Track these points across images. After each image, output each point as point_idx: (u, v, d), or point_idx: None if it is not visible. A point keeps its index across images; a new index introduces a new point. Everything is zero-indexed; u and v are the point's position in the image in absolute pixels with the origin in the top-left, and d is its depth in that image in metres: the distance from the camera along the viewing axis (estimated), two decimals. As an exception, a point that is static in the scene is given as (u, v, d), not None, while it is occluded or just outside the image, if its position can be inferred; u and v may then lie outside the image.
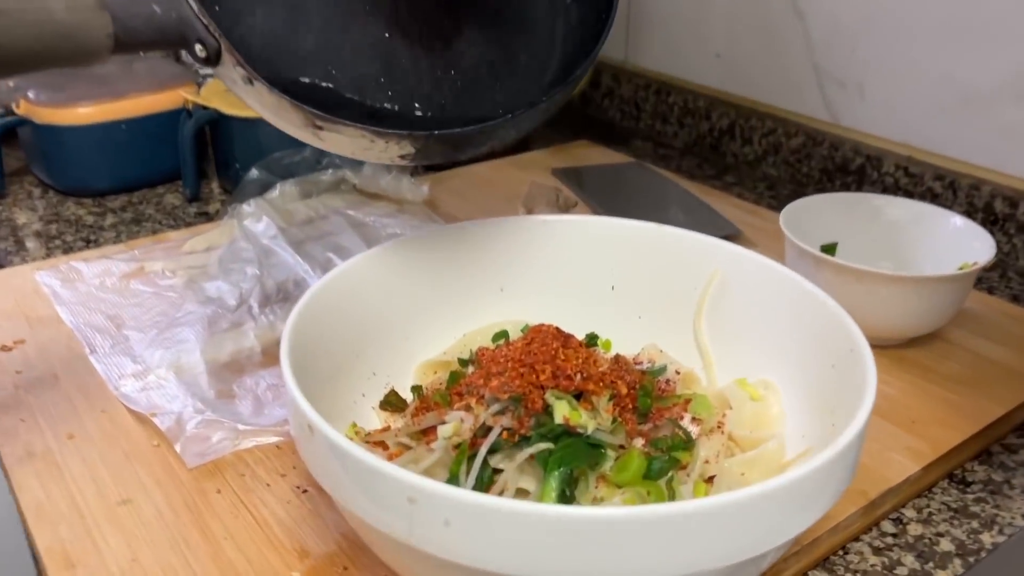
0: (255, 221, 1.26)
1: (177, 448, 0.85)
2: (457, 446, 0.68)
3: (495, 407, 0.68)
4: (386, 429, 0.76)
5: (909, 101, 1.41)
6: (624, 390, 0.72)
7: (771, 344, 0.82)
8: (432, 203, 1.41)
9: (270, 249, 1.20)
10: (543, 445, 0.66)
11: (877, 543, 0.82)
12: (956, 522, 0.85)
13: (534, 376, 0.69)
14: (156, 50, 0.74)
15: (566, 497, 0.64)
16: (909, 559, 0.81)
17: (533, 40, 0.88)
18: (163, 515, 0.79)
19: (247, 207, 1.29)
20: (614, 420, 0.69)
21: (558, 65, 0.88)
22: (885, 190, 1.45)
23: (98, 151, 1.51)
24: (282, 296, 1.11)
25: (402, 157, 0.74)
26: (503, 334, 0.88)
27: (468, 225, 0.90)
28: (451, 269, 0.88)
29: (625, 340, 0.90)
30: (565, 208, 1.34)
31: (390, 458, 0.72)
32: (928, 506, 0.87)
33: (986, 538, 0.83)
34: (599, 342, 0.89)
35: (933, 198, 1.39)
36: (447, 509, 0.53)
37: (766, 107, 1.65)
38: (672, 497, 0.67)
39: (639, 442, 0.69)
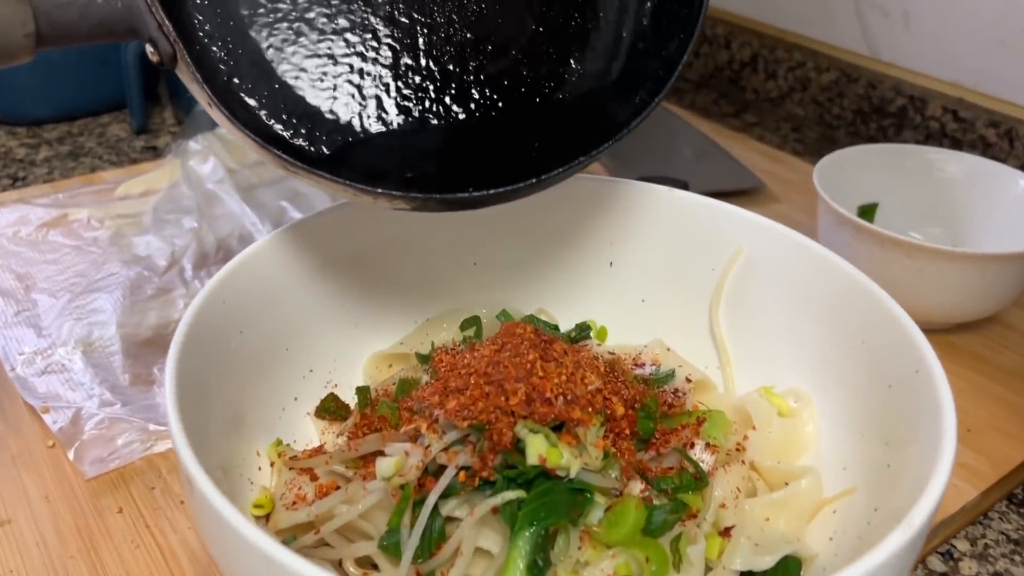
0: (201, 162, 1.09)
1: (70, 455, 0.69)
2: (402, 486, 0.52)
3: (450, 437, 0.52)
4: (319, 450, 0.60)
5: (962, 33, 1.22)
6: (620, 411, 0.56)
7: (805, 345, 0.65)
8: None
9: (214, 196, 1.03)
10: (511, 495, 0.50)
11: (923, 585, 0.68)
12: (1017, 558, 0.70)
13: (503, 398, 0.52)
14: (98, 42, 0.57)
15: (537, 568, 0.48)
16: (962, 607, 0.66)
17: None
18: (46, 541, 0.64)
19: (194, 144, 1.12)
20: (606, 456, 0.53)
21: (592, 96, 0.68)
22: (929, 137, 1.26)
23: (32, 72, 1.31)
24: (222, 255, 0.94)
25: (395, 207, 0.58)
26: (474, 321, 0.71)
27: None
28: (413, 238, 0.71)
29: (624, 329, 0.74)
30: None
31: (319, 491, 0.56)
32: (983, 536, 0.72)
33: (1054, 580, 0.69)
34: (592, 332, 0.72)
35: (985, 148, 1.21)
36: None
37: (794, 36, 1.45)
38: (678, 562, 0.51)
39: (637, 487, 0.53)
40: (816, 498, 0.59)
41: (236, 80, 0.58)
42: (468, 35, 0.64)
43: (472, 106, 0.63)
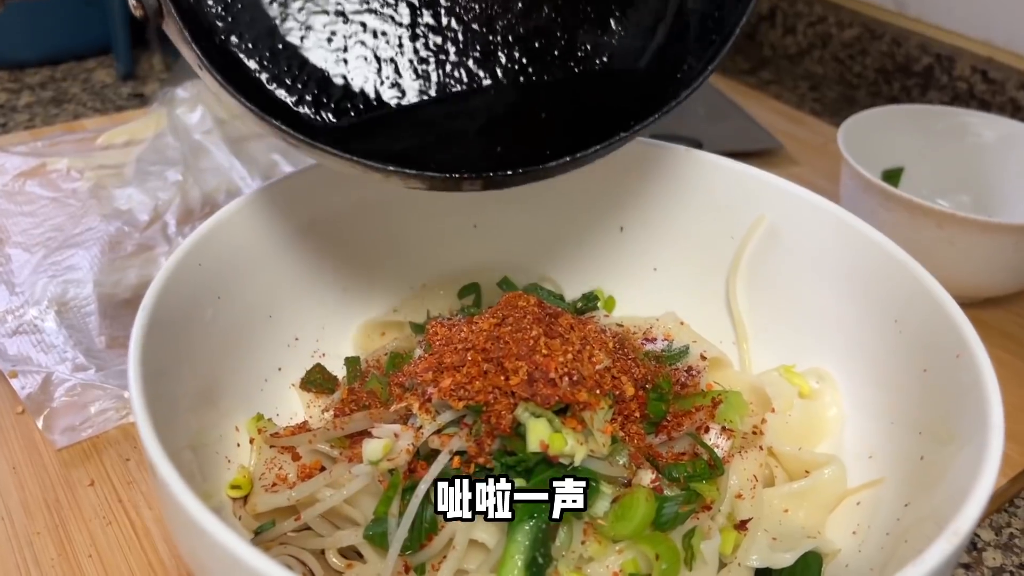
0: (188, 111, 1.03)
1: (39, 423, 0.65)
2: (391, 471, 0.48)
3: (444, 418, 0.48)
4: (303, 426, 0.55)
5: (996, -12, 1.15)
6: (630, 392, 0.51)
7: (830, 321, 0.60)
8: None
9: (201, 147, 0.97)
10: (507, 485, 0.45)
11: (945, 577, 0.64)
12: (1045, 549, 0.66)
13: (502, 377, 0.48)
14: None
15: (537, 565, 0.44)
16: (986, 602, 0.62)
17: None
18: (11, 516, 0.60)
19: (181, 92, 1.05)
20: (614, 441, 0.48)
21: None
22: (956, 98, 1.20)
23: (14, 13, 1.25)
24: (208, 210, 0.89)
25: (409, 187, 0.51)
26: (472, 288, 0.66)
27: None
28: (409, 198, 0.66)
29: (634, 299, 0.69)
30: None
31: (302, 472, 0.52)
32: (1009, 525, 0.68)
33: (1082, 574, 0.65)
34: (599, 302, 0.67)
35: (1015, 111, 1.14)
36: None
37: (816, -11, 1.38)
38: (690, 559, 0.47)
39: (647, 476, 0.49)
40: (839, 489, 0.54)
41: (234, 39, 0.52)
42: None
43: (499, 71, 0.56)
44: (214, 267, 0.55)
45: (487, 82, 0.56)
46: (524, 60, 0.56)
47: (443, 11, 0.55)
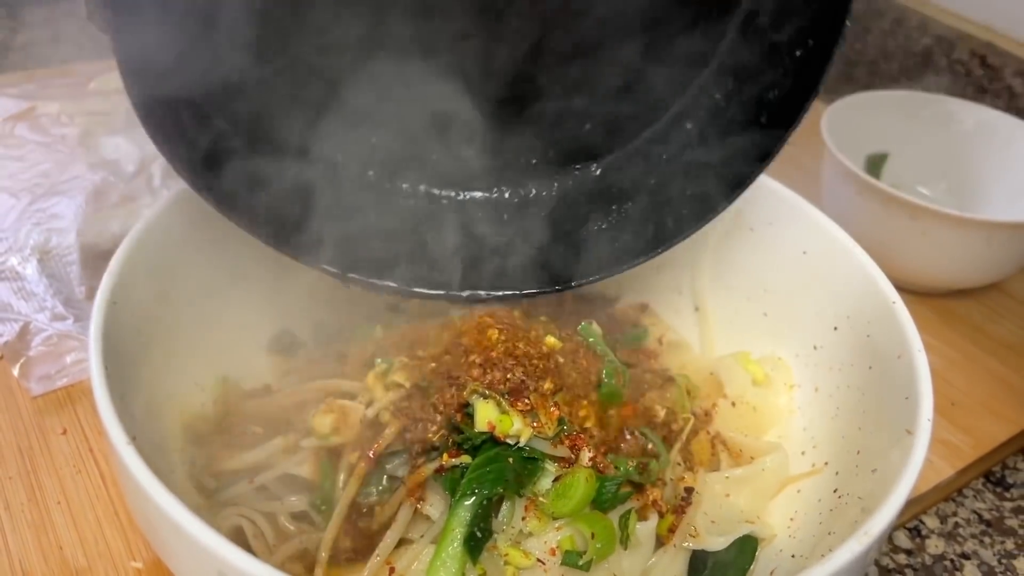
0: (181, 59, 1.03)
1: (15, 371, 0.67)
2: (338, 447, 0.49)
3: (395, 395, 0.49)
4: (265, 390, 0.57)
5: (1001, -28, 1.14)
6: (576, 378, 0.52)
7: (789, 312, 0.62)
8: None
9: (192, 98, 0.98)
10: (454, 461, 0.47)
11: (887, 561, 0.66)
12: (987, 539, 0.68)
13: (459, 359, 0.49)
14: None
15: (476, 539, 0.46)
16: (923, 588, 0.65)
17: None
18: (-15, 461, 0.62)
19: (175, 39, 1.05)
20: (560, 423, 0.50)
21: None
22: (953, 82, 1.19)
23: (13, -51, 1.25)
24: (194, 164, 0.90)
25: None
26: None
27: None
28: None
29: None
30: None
31: (261, 436, 0.54)
32: (955, 514, 0.70)
33: (1021, 565, 0.67)
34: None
35: (1010, 98, 1.14)
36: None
37: (823, -39, 1.36)
38: (625, 539, 0.49)
39: (585, 456, 0.50)
40: (781, 476, 0.56)
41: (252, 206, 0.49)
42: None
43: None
44: (189, 228, 0.56)
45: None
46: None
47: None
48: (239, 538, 0.50)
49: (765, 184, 0.62)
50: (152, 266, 0.53)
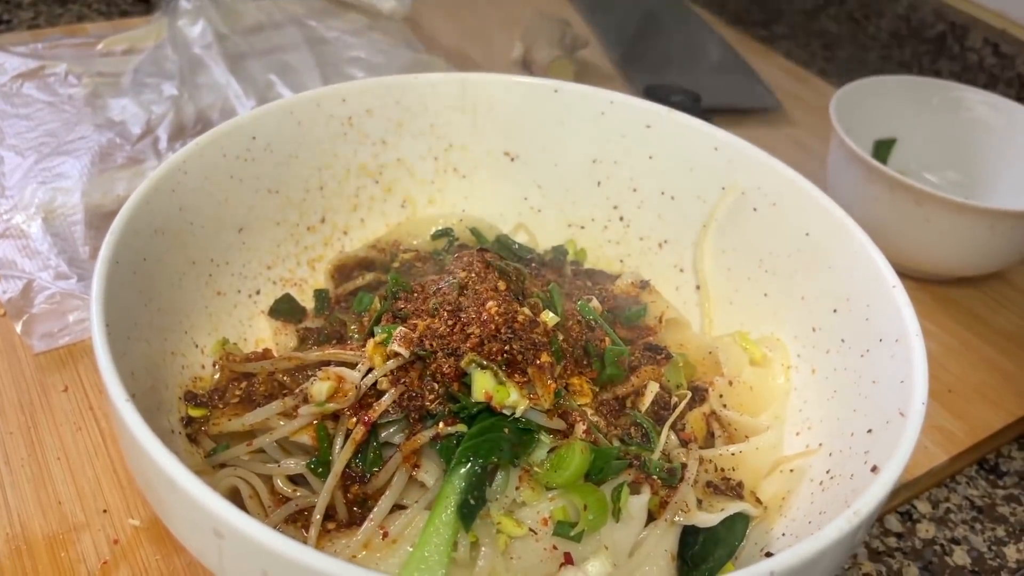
0: (190, 23, 1.02)
1: (18, 328, 0.67)
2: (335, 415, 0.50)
3: (393, 363, 0.50)
4: (265, 353, 0.57)
5: (1019, -41, 1.12)
6: (575, 351, 0.53)
7: (789, 293, 0.62)
8: (413, 20, 1.16)
9: (200, 62, 0.98)
10: (450, 429, 0.48)
11: (877, 544, 0.66)
12: (978, 526, 0.69)
13: (456, 331, 0.49)
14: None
15: (469, 506, 0.46)
16: (913, 572, 0.65)
17: None
18: (-13, 415, 0.63)
19: (185, 3, 1.05)
20: (557, 395, 0.50)
21: None
22: (965, 69, 1.19)
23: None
24: (201, 127, 0.90)
25: None
26: (445, 233, 0.67)
27: (422, 79, 0.67)
28: (386, 130, 0.67)
29: (606, 253, 0.70)
30: (572, 48, 1.09)
31: (260, 397, 0.54)
32: (947, 499, 0.71)
33: (1011, 552, 0.67)
34: (569, 255, 0.69)
35: (1021, 87, 1.13)
36: (262, 558, 0.36)
37: (839, -57, 1.35)
38: (617, 512, 0.49)
39: (580, 428, 0.50)
40: (775, 456, 0.56)
41: None
42: None
43: None
44: (191, 191, 0.56)
45: None
46: None
47: None
48: (235, 499, 0.50)
49: (770, 164, 0.62)
50: (155, 227, 0.53)
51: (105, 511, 0.57)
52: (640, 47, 1.16)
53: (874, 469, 0.43)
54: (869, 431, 0.49)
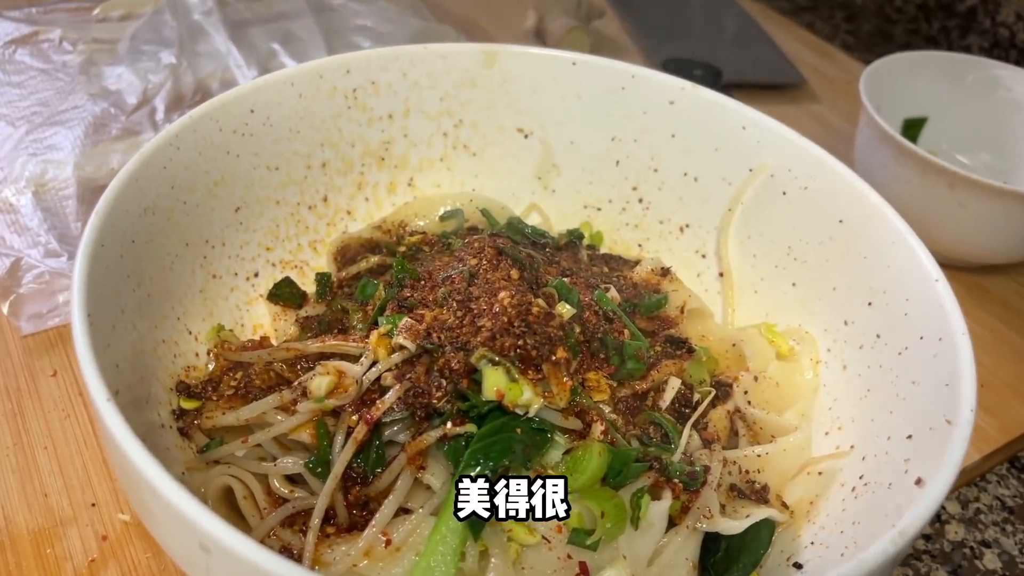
0: (190, -13, 0.98)
1: (4, 309, 0.64)
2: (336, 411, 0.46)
3: (398, 357, 0.46)
4: (262, 342, 0.54)
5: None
6: (592, 346, 0.49)
7: (820, 283, 0.58)
8: (423, -12, 1.11)
9: (200, 29, 0.93)
10: (459, 430, 0.44)
11: (903, 546, 0.63)
12: (1009, 528, 0.65)
13: (466, 323, 0.46)
14: None
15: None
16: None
17: None
18: (-29, 401, 0.60)
19: (185, -34, 1.01)
20: (573, 393, 0.47)
21: None
22: (995, 44, 1.14)
23: None
24: (199, 98, 0.86)
25: None
26: (455, 214, 0.64)
27: (431, 49, 0.63)
28: (393, 103, 0.63)
29: (623, 236, 0.67)
30: (587, 19, 1.05)
31: (256, 389, 0.51)
32: (977, 499, 0.67)
33: (1044, 556, 0.64)
34: (585, 239, 0.65)
35: (1055, 65, 1.08)
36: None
37: (866, -89, 1.29)
38: (636, 519, 0.46)
39: (597, 428, 0.47)
40: (803, 458, 0.53)
41: None
42: None
43: None
44: (184, 167, 0.53)
45: None
46: None
47: None
48: (228, 499, 0.47)
49: (802, 145, 0.58)
50: (145, 206, 0.50)
51: (94, 505, 0.54)
52: (658, 18, 1.12)
53: (919, 482, 0.40)
54: (909, 437, 0.46)
